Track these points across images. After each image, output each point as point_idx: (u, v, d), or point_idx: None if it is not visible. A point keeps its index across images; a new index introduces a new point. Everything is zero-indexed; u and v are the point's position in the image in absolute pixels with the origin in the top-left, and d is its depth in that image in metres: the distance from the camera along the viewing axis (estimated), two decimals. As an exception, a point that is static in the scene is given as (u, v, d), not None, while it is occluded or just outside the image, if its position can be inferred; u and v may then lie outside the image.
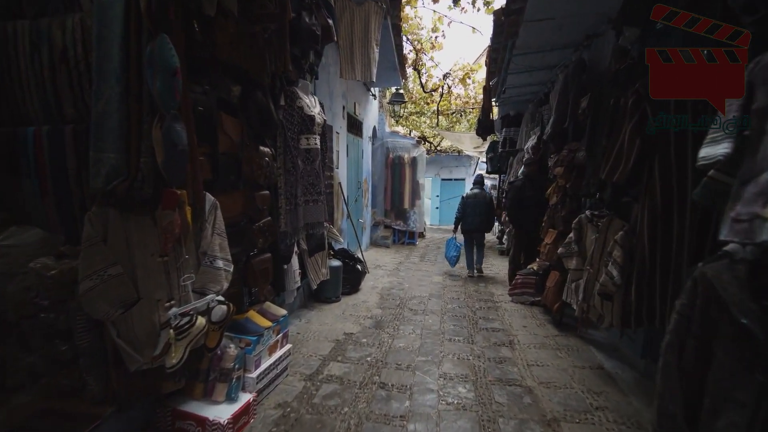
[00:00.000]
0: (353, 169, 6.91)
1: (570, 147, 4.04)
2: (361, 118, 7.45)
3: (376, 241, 9.05)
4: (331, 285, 4.40)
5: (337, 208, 5.72)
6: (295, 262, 3.37)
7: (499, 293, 5.16)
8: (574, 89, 4.05)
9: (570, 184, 3.86)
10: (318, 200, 3.06)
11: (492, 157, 9.20)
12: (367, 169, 8.41)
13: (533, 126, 6.68)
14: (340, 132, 5.82)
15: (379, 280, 5.72)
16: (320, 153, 3.04)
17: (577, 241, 3.00)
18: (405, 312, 4.27)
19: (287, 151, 2.82)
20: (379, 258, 7.50)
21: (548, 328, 3.82)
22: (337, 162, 5.67)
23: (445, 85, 8.99)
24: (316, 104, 3.10)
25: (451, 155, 14.66)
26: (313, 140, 2.91)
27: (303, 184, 2.98)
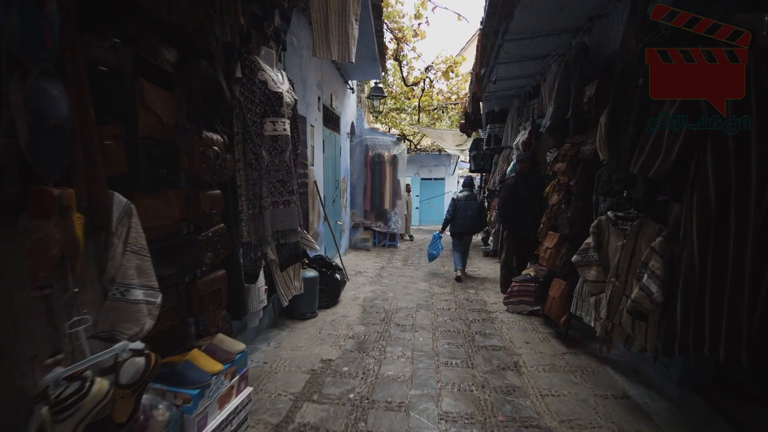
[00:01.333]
0: (330, 166, 6.29)
1: (573, 140, 3.60)
2: (339, 112, 6.83)
3: (356, 244, 8.45)
4: (305, 299, 3.78)
5: (313, 209, 5.09)
6: (260, 278, 2.74)
7: (492, 301, 4.68)
8: (577, 76, 3.61)
9: (575, 182, 3.41)
10: (290, 201, 2.45)
11: (475, 156, 8.79)
12: (345, 168, 7.80)
13: (521, 121, 6.27)
14: (316, 125, 5.19)
15: (361, 289, 5.13)
16: (291, 142, 2.42)
17: (597, 247, 2.52)
18: (392, 328, 3.70)
19: (247, 139, 2.19)
20: (360, 263, 6.90)
21: (554, 344, 3.35)
22: (312, 158, 5.04)
23: (426, 79, 8.47)
24: (285, 80, 2.48)
25: (431, 154, 14.22)
26: (281, 125, 2.28)
27: (270, 182, 2.35)
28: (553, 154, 3.92)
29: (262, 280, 2.77)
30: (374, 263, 6.95)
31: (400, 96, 9.60)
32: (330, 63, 6.03)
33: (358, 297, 4.71)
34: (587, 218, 3.31)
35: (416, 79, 8.83)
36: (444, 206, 16.04)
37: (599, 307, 2.49)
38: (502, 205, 4.81)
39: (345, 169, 7.71)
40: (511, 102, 7.15)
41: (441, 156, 14.55)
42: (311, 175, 4.97)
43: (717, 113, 1.67)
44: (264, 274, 2.90)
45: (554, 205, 3.70)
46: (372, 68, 6.88)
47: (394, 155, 8.95)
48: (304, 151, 4.50)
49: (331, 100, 6.14)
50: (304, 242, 3.57)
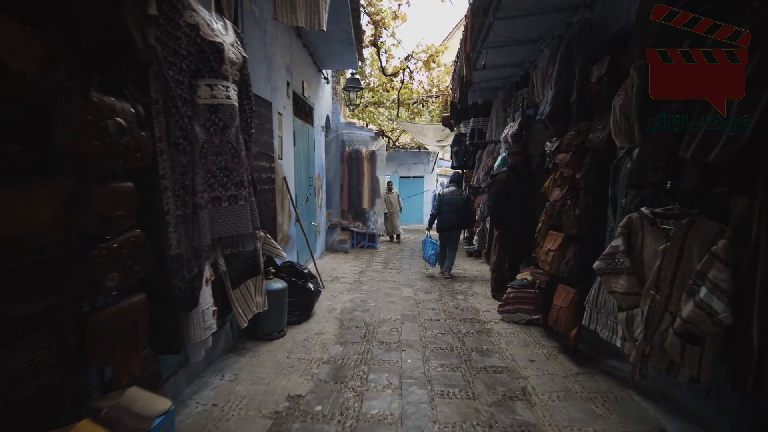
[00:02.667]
0: (303, 161, 5.64)
1: (578, 127, 3.14)
2: (312, 103, 6.19)
3: (333, 246, 7.82)
4: (271, 316, 3.14)
5: (282, 209, 4.44)
6: (206, 297, 2.10)
7: (485, 308, 4.19)
8: (581, 55, 3.15)
9: (583, 174, 2.94)
10: (237, 197, 1.83)
11: (457, 151, 8.32)
12: (320, 164, 7.15)
13: (509, 113, 5.84)
14: (284, 114, 4.54)
15: (338, 298, 4.53)
16: (239, 115, 1.79)
17: (627, 252, 2.03)
18: (374, 347, 3.12)
19: (171, 108, 1.53)
20: (337, 267, 6.29)
21: (562, 362, 2.87)
22: (281, 151, 4.39)
23: (406, 69, 7.92)
24: (229, 31, 1.83)
25: (410, 152, 13.74)
26: (222, 90, 1.66)
27: (207, 170, 1.72)
28: (554, 144, 3.46)
29: (208, 300, 2.14)
30: (353, 267, 6.35)
31: (379, 89, 9.01)
32: (301, 46, 5.38)
33: (334, 308, 4.11)
34: (599, 216, 2.85)
35: (395, 69, 8.26)
36: (423, 205, 15.63)
37: (631, 326, 2.01)
38: (494, 202, 4.33)
39: (320, 166, 7.07)
40: (495, 94, 6.73)
41: (420, 153, 14.10)
42: (280, 170, 4.32)
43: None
44: (215, 289, 2.27)
45: (556, 201, 3.23)
46: (348, 55, 6.27)
47: (372, 151, 8.38)
48: (269, 140, 3.85)
49: (302, 88, 5.49)
50: (268, 249, 2.94)
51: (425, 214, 15.70)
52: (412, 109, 9.51)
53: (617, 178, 2.52)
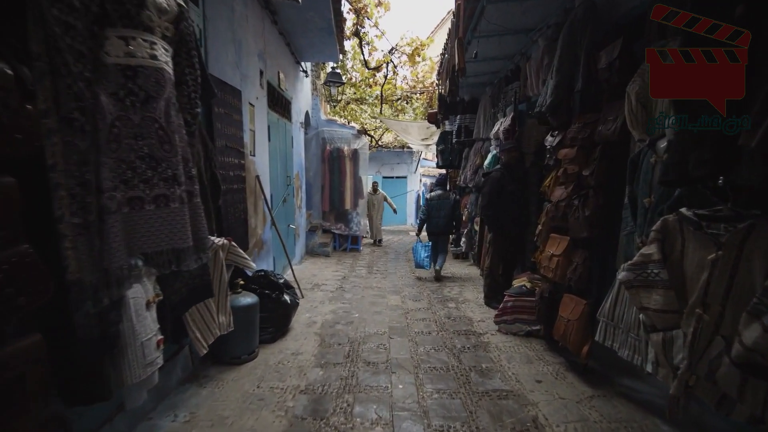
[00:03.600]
0: (279, 159, 5.16)
1: (584, 119, 2.82)
2: (290, 96, 5.72)
3: (314, 250, 7.34)
4: (239, 336, 2.68)
5: (256, 211, 3.97)
6: (146, 324, 1.64)
7: (478, 318, 3.84)
8: (587, 39, 2.83)
9: (592, 171, 2.62)
10: (170, 197, 1.37)
11: (443, 150, 8.00)
12: (300, 163, 6.68)
13: (499, 109, 5.53)
14: (257, 105, 4.07)
15: (318, 309, 4.08)
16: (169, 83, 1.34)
17: (662, 261, 1.70)
18: (359, 370, 2.71)
19: (60, 68, 1.04)
20: (318, 273, 5.83)
21: (573, 382, 2.54)
22: (253, 147, 3.92)
23: (390, 63, 7.52)
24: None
25: (392, 151, 13.36)
26: (143, 47, 1.20)
27: (121, 159, 1.25)
28: (556, 138, 3.14)
29: (151, 328, 1.67)
30: (335, 272, 5.91)
31: (361, 84, 8.58)
32: (276, 34, 4.91)
33: (314, 321, 3.67)
34: (611, 217, 2.54)
35: (379, 63, 7.84)
36: (407, 205, 15.30)
37: (670, 350, 1.67)
38: (488, 202, 3.99)
39: (299, 165, 6.59)
40: (482, 90, 6.44)
41: (403, 153, 13.75)
42: (252, 168, 3.85)
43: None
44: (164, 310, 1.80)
45: (560, 201, 2.91)
46: (328, 46, 5.83)
47: (354, 150, 7.95)
48: (238, 133, 3.38)
49: (278, 80, 5.02)
50: (233, 259, 2.48)
51: (408, 215, 15.39)
52: (396, 107, 9.11)
53: (636, 174, 2.19)
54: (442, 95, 5.13)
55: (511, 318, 3.38)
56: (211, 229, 2.40)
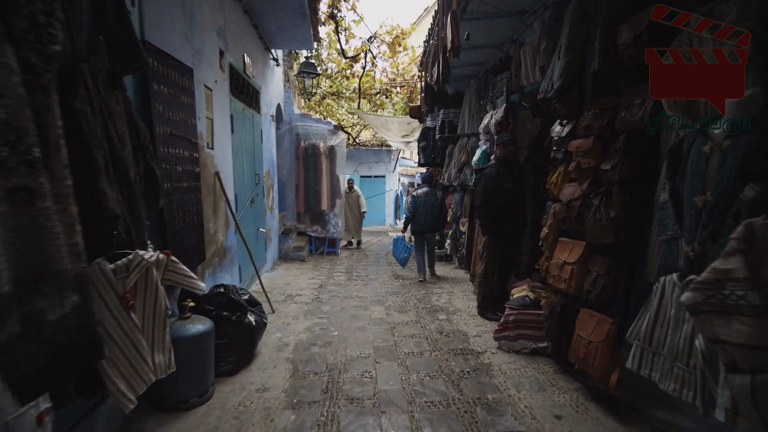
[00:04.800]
0: (246, 154, 4.53)
1: (601, 104, 2.41)
2: (258, 85, 5.08)
3: (287, 255, 6.71)
4: (187, 374, 2.09)
5: (215, 214, 3.35)
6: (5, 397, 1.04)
7: (474, 332, 3.39)
8: (604, 12, 2.42)
9: (615, 164, 2.20)
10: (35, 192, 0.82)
11: (425, 147, 7.55)
12: (271, 160, 6.04)
13: (487, 101, 5.11)
14: (216, 90, 3.44)
15: (291, 326, 3.51)
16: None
17: (748, 279, 1.27)
18: (341, 410, 2.17)
19: None
20: (292, 281, 5.22)
21: (599, 417, 2.11)
22: (212, 138, 3.30)
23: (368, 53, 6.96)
24: None
25: (371, 149, 12.84)
26: None
27: None
28: (565, 127, 2.72)
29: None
30: (311, 280, 5.32)
31: (337, 76, 7.98)
32: (240, 13, 4.28)
33: (286, 343, 3.10)
34: (641, 219, 2.13)
35: (357, 51, 7.25)
36: (385, 205, 14.82)
37: (764, 400, 1.25)
38: (482, 201, 3.54)
39: (270, 162, 5.95)
40: (467, 83, 6.03)
41: (381, 151, 13.25)
42: (210, 163, 3.23)
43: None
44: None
45: (573, 200, 2.48)
46: (300, 30, 5.23)
47: (331, 146, 7.37)
48: (190, 120, 2.76)
49: (244, 65, 4.38)
50: (173, 278, 1.89)
51: (387, 215, 14.91)
52: (375, 101, 8.57)
53: (681, 166, 1.78)
54: (428, 84, 4.67)
55: (513, 334, 2.94)
56: (142, 240, 1.81)
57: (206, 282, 3.14)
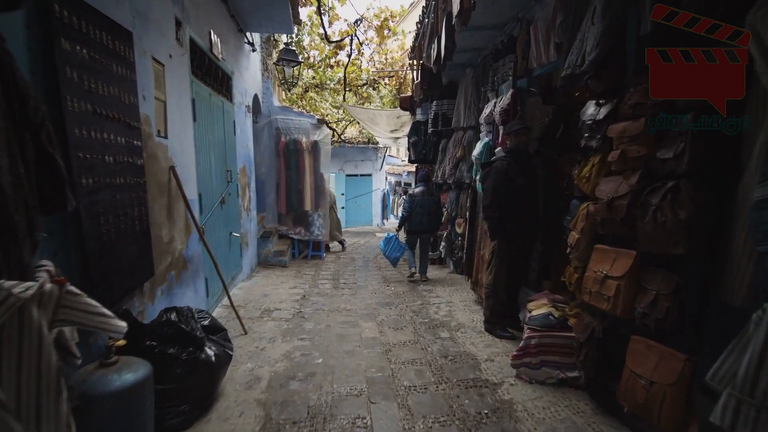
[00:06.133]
0: (214, 148, 3.87)
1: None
2: (229, 70, 4.41)
3: (267, 260, 6.05)
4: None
5: (170, 218, 2.71)
6: None
7: (484, 354, 2.85)
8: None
9: (685, 152, 1.68)
10: None
11: (416, 142, 6.99)
12: (247, 155, 5.37)
13: (488, 88, 4.59)
14: (170, 66, 2.79)
15: (267, 352, 2.89)
16: None
17: None
18: (327, 484, 1.59)
19: None
20: (271, 291, 4.58)
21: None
22: (164, 124, 2.65)
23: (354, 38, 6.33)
24: None
25: (356, 147, 12.22)
26: None
27: None
28: (602, 108, 2.19)
29: None
30: (292, 289, 4.70)
31: (320, 65, 7.33)
32: (206, -20, 3.62)
33: (258, 378, 2.48)
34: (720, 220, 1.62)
35: (342, 35, 6.60)
36: (372, 205, 14.23)
37: None
38: (491, 200, 2.99)
39: (246, 158, 5.29)
40: (462, 73, 5.50)
41: (368, 149, 12.66)
42: (161, 154, 2.58)
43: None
44: None
45: (618, 198, 1.96)
46: (278, 10, 4.59)
47: (314, 141, 6.73)
48: (127, 98, 2.10)
49: (210, 43, 3.72)
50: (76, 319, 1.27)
51: (374, 215, 14.32)
52: (361, 93, 7.95)
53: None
54: (424, 66, 4.11)
55: (536, 361, 2.40)
56: (19, 260, 1.18)
57: (158, 303, 2.50)
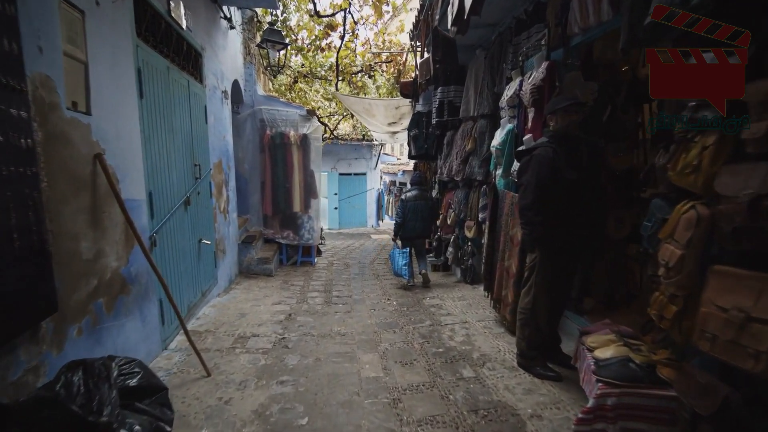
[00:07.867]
0: (177, 135, 3.06)
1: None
2: (199, 45, 3.62)
3: (251, 268, 5.25)
4: None
5: (95, 226, 1.91)
6: None
7: (523, 404, 2.11)
8: None
9: None
10: None
11: (416, 136, 6.23)
12: (224, 149, 4.57)
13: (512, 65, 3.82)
14: (97, 16, 2.00)
15: (232, 409, 2.11)
16: None
17: None
18: None
19: None
20: (250, 309, 3.79)
21: None
22: (86, 95, 1.85)
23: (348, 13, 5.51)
24: None
25: (350, 144, 11.46)
26: None
27: None
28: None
29: None
30: (276, 306, 3.91)
31: (310, 48, 6.53)
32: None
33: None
34: None
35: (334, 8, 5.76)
36: (366, 206, 13.47)
37: None
38: (533, 198, 2.24)
39: (223, 152, 4.49)
40: (471, 55, 4.77)
41: (362, 147, 11.90)
42: (78, 138, 1.80)
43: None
44: None
45: (764, 196, 1.24)
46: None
47: (303, 135, 5.95)
48: (8, 45, 1.32)
49: (169, 6, 2.93)
50: None
51: (369, 216, 13.57)
52: (355, 83, 7.18)
53: None
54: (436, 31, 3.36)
55: (614, 429, 1.67)
56: None
57: (75, 347, 1.72)
